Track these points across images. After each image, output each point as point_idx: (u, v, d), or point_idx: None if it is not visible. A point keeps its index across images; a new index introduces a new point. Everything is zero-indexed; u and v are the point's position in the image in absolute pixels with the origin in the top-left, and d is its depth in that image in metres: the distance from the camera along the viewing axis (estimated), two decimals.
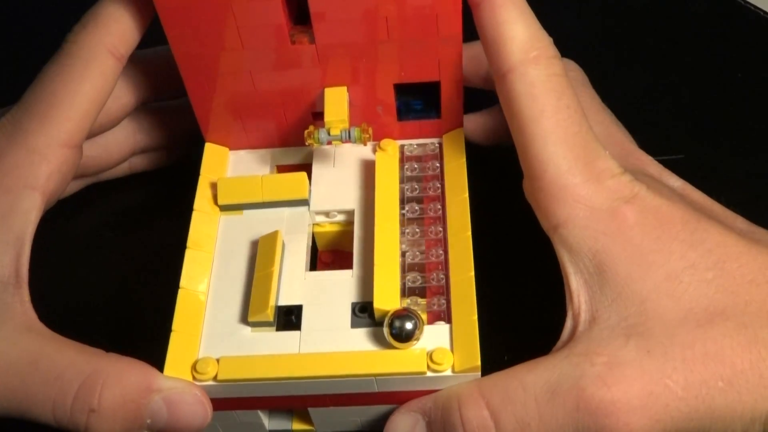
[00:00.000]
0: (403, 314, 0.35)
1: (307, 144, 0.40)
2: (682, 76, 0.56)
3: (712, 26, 0.59)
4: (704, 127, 0.53)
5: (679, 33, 0.59)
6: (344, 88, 0.41)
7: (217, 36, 0.38)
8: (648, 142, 0.46)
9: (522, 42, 0.37)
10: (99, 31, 0.39)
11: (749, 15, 0.59)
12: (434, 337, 0.36)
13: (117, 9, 0.39)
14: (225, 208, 0.42)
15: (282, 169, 0.45)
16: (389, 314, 0.36)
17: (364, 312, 0.37)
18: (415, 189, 0.42)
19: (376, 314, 0.36)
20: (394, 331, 0.35)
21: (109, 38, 0.39)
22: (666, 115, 0.54)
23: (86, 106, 0.39)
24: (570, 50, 0.50)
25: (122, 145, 0.47)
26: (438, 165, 0.43)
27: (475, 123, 0.47)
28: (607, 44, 0.59)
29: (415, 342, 0.35)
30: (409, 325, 0.35)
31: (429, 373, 0.35)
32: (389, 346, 0.36)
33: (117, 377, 0.35)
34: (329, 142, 0.40)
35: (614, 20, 0.60)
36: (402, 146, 0.44)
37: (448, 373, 0.35)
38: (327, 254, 0.44)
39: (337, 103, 0.40)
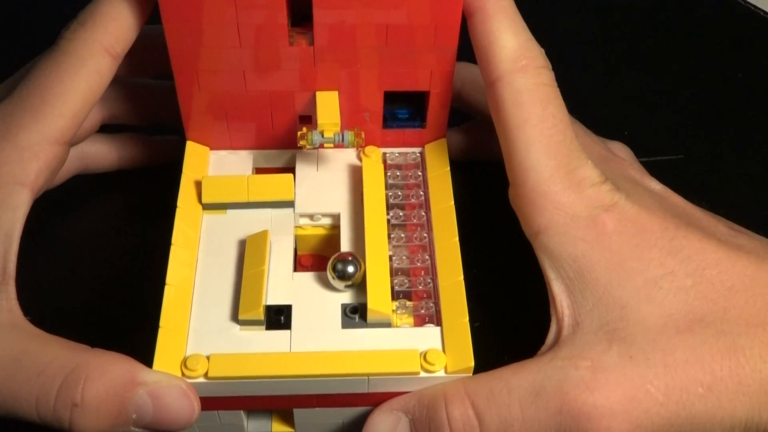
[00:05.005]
0: (346, 258, 0.42)
1: (299, 145, 0.44)
2: (682, 76, 0.61)
3: (712, 26, 0.64)
4: (704, 127, 0.58)
5: (680, 33, 0.64)
6: (336, 93, 0.45)
7: (215, 33, 0.42)
8: (648, 142, 0.51)
9: (511, 51, 0.42)
10: (96, 29, 0.42)
11: (749, 15, 0.65)
12: (424, 339, 0.40)
13: (115, 7, 0.43)
14: (208, 207, 0.45)
15: (261, 172, 0.49)
16: (332, 258, 0.42)
17: (355, 313, 0.41)
18: (398, 196, 0.46)
19: (370, 315, 0.41)
20: (337, 273, 0.42)
21: (107, 37, 0.42)
22: (666, 115, 0.59)
23: (79, 104, 0.42)
24: (570, 50, 0.55)
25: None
26: (420, 174, 0.48)
27: (450, 139, 0.51)
28: (607, 44, 0.64)
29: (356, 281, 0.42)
30: (351, 268, 0.42)
31: (422, 374, 0.39)
32: (382, 347, 0.40)
33: (100, 371, 0.38)
34: (321, 145, 0.44)
35: (614, 20, 0.65)
36: (384, 154, 0.49)
37: (441, 373, 0.39)
38: (306, 258, 0.47)
39: (329, 106, 0.45)
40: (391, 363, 0.39)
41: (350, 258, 0.42)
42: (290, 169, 0.48)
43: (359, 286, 0.43)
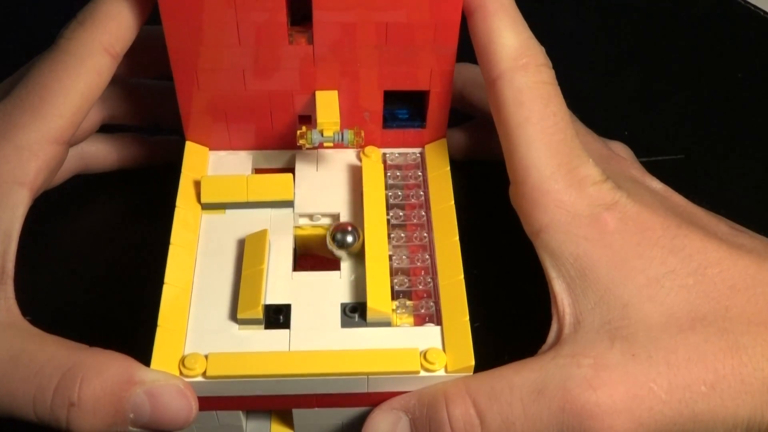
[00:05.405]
0: (345, 228, 0.43)
1: (299, 144, 0.44)
2: (682, 76, 0.61)
3: (712, 26, 0.65)
4: (704, 128, 0.58)
5: (679, 33, 0.64)
6: (335, 92, 0.45)
7: (215, 32, 0.42)
8: (648, 142, 0.51)
9: (512, 49, 0.41)
10: (96, 28, 0.42)
11: (749, 15, 0.65)
12: (425, 338, 0.40)
13: (114, 7, 0.43)
14: (207, 207, 0.45)
15: (261, 172, 0.49)
16: (332, 228, 0.44)
17: (354, 312, 0.41)
18: (398, 196, 0.46)
19: (369, 314, 0.40)
20: (337, 243, 0.43)
21: (106, 36, 0.42)
22: (666, 115, 0.59)
23: (78, 104, 0.42)
24: (570, 50, 0.55)
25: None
26: (420, 174, 0.48)
27: (451, 138, 0.51)
28: (607, 44, 0.64)
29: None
30: (349, 238, 0.43)
31: (422, 373, 0.39)
32: (381, 346, 0.40)
33: (97, 370, 0.37)
34: (321, 144, 0.44)
35: (614, 20, 0.65)
36: (384, 154, 0.48)
37: (441, 373, 0.39)
38: (306, 258, 0.47)
39: (329, 105, 0.44)
40: (391, 362, 0.39)
41: (349, 228, 0.43)
42: (290, 170, 0.48)
43: (358, 255, 0.44)
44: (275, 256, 0.44)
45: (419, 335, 0.40)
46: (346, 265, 0.44)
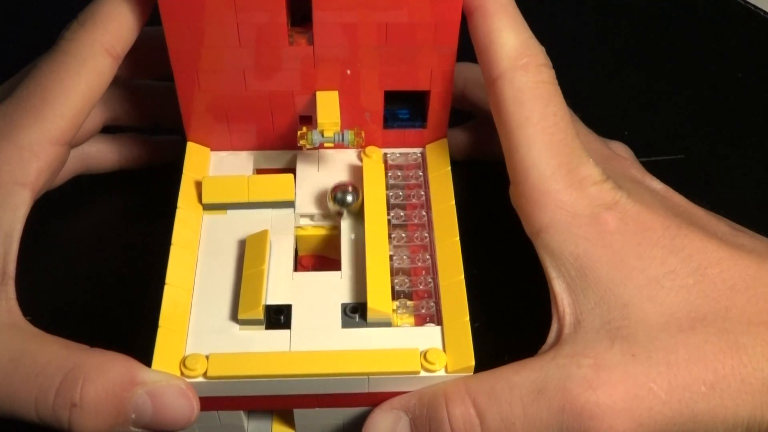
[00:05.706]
0: (346, 189, 0.45)
1: (299, 145, 0.44)
2: (682, 76, 0.61)
3: (712, 26, 0.65)
4: (704, 127, 0.58)
5: (680, 33, 0.64)
6: (336, 93, 0.45)
7: (215, 33, 0.42)
8: (648, 142, 0.51)
9: (512, 49, 0.41)
10: (96, 29, 0.42)
11: (749, 15, 0.65)
12: (425, 338, 0.40)
13: (115, 8, 0.43)
14: (209, 207, 0.45)
15: (262, 172, 0.49)
16: (332, 188, 0.45)
17: (355, 312, 0.41)
18: (399, 196, 0.46)
19: (370, 314, 0.40)
20: (337, 202, 0.44)
21: (107, 37, 0.42)
22: (666, 115, 0.59)
23: (80, 105, 0.42)
24: (570, 50, 0.55)
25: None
26: (421, 174, 0.48)
27: (451, 138, 0.51)
28: (606, 44, 0.64)
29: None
30: (349, 198, 0.44)
31: (423, 373, 0.39)
32: (382, 346, 0.40)
33: (99, 371, 0.37)
34: (321, 144, 0.44)
35: (614, 20, 0.66)
36: (385, 154, 0.48)
37: (441, 373, 0.39)
38: (307, 258, 0.47)
39: (329, 105, 0.45)
40: (392, 362, 0.39)
41: (350, 188, 0.45)
42: (291, 170, 0.48)
43: (357, 215, 0.44)
44: (276, 256, 0.44)
45: (419, 335, 0.40)
46: (346, 265, 0.44)
